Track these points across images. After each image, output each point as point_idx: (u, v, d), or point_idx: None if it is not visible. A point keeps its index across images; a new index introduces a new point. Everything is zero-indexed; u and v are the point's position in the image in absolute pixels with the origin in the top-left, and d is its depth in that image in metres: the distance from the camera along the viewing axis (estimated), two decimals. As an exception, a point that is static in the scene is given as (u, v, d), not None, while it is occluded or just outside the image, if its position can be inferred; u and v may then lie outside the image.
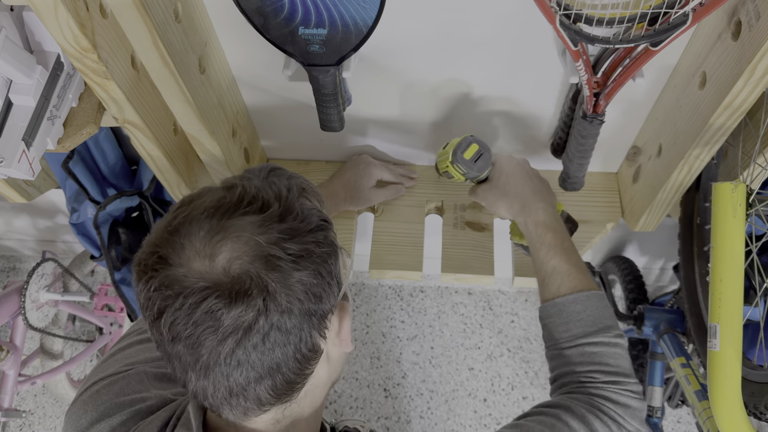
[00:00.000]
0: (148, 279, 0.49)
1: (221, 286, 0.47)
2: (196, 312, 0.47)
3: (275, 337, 0.49)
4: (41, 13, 0.65)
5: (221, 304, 0.47)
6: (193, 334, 0.48)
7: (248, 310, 0.47)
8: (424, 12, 0.79)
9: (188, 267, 0.48)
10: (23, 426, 1.84)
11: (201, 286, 0.47)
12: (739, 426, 0.74)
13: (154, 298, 0.49)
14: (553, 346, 0.74)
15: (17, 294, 1.47)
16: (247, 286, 0.47)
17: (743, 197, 0.74)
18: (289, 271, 0.49)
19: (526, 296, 1.93)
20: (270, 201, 0.51)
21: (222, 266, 0.48)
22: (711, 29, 0.75)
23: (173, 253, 0.49)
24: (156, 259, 0.49)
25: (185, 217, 0.51)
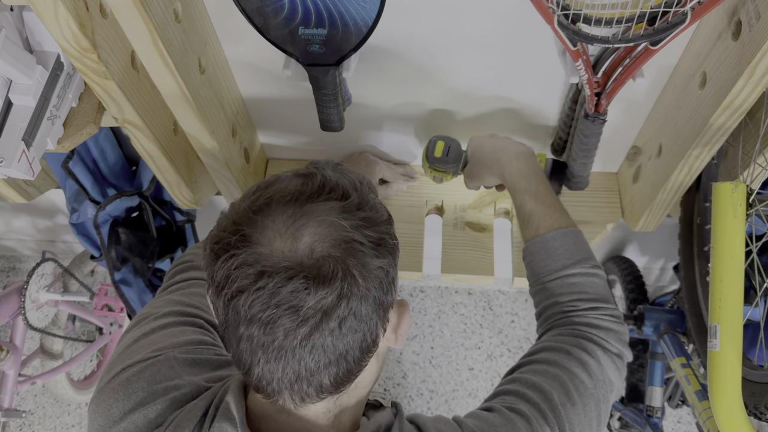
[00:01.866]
0: (230, 257, 0.48)
1: (305, 268, 0.47)
2: (280, 292, 0.47)
3: (351, 323, 0.49)
4: (41, 13, 0.65)
5: (303, 287, 0.47)
6: (273, 316, 0.47)
7: (331, 293, 0.47)
8: (424, 12, 0.79)
9: (271, 246, 0.48)
10: (23, 426, 1.84)
11: (285, 266, 0.47)
12: (740, 426, 0.74)
13: (234, 276, 0.48)
14: (536, 281, 0.78)
15: (17, 294, 1.47)
16: (331, 268, 0.48)
17: (743, 197, 0.74)
18: (370, 257, 0.50)
19: (526, 296, 1.93)
20: (349, 190, 0.53)
21: (306, 248, 0.48)
22: (711, 29, 0.75)
23: (256, 232, 0.49)
24: (239, 237, 0.49)
25: (268, 198, 0.51)
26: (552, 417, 0.62)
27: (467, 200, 1.13)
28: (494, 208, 1.12)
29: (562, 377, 0.66)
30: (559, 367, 0.67)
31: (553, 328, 0.73)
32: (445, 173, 0.97)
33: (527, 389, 0.65)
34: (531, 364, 0.68)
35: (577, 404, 0.64)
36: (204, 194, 1.13)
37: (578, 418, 0.64)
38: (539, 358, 0.69)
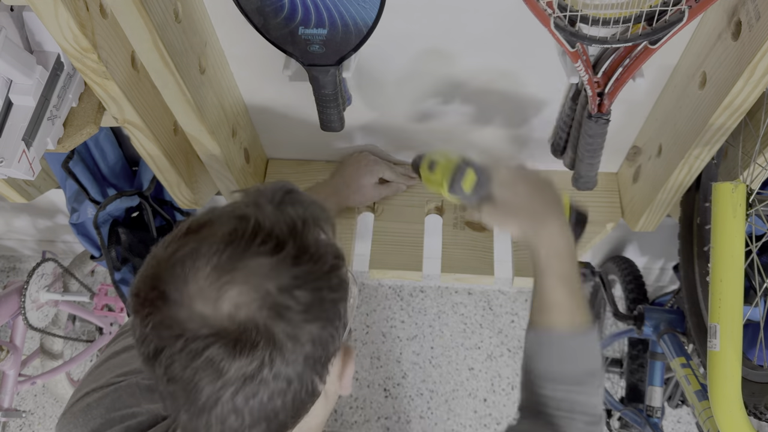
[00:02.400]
0: (146, 315, 0.46)
1: (226, 334, 0.45)
2: (197, 359, 0.45)
3: (276, 386, 0.47)
4: (41, 13, 0.65)
5: (225, 354, 0.45)
6: (192, 379, 0.46)
7: (252, 362, 0.45)
8: (423, 12, 0.79)
9: (190, 308, 0.45)
10: (23, 426, 1.84)
11: (204, 333, 0.45)
12: (740, 426, 0.74)
13: (151, 337, 0.46)
14: (529, 379, 0.72)
15: (17, 294, 1.47)
16: (253, 336, 0.45)
17: (743, 197, 0.74)
18: (299, 322, 0.47)
19: (526, 296, 1.93)
20: (284, 239, 0.48)
21: (227, 312, 0.45)
22: (711, 29, 0.75)
23: (175, 290, 0.46)
24: (156, 294, 0.46)
25: (192, 249, 0.47)
26: None
27: (467, 200, 1.13)
28: (494, 208, 1.12)
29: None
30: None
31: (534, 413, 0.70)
32: (458, 201, 0.79)
33: None
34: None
35: None
36: (204, 194, 1.13)
37: None
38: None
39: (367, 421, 1.77)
